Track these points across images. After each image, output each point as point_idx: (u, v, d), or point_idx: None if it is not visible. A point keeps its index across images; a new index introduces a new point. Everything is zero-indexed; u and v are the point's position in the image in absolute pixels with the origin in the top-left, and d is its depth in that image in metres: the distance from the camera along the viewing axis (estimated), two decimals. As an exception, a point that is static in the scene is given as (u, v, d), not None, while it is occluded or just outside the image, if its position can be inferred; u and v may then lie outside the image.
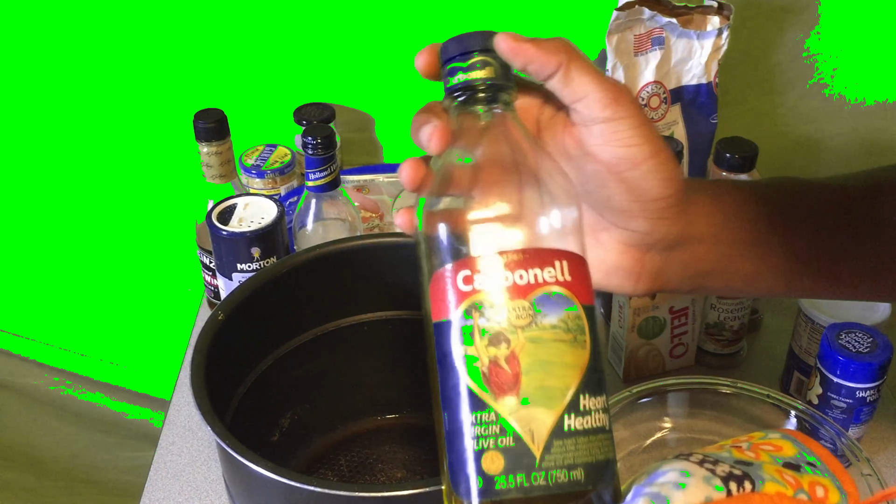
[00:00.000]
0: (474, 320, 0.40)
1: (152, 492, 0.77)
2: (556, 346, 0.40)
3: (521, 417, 0.39)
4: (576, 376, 0.40)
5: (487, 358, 0.39)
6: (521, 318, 0.39)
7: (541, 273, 0.40)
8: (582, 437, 0.40)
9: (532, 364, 0.39)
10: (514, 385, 0.39)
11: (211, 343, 0.62)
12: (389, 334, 0.75)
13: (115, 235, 1.25)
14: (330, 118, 1.09)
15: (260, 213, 0.80)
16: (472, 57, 0.45)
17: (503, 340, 0.39)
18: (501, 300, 0.39)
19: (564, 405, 0.39)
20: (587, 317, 0.40)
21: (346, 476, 0.76)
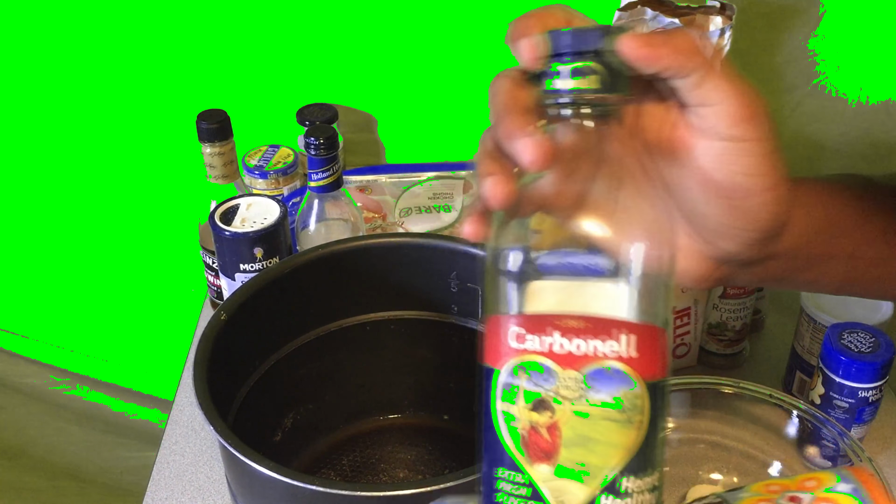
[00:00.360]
0: (521, 381, 0.37)
1: (155, 491, 0.77)
2: (604, 423, 0.37)
3: (553, 487, 0.37)
4: (620, 457, 0.37)
5: (528, 422, 0.37)
6: (569, 389, 0.37)
7: (600, 346, 0.36)
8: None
9: (574, 438, 0.37)
10: (552, 455, 0.37)
11: (213, 343, 0.62)
12: (392, 334, 0.75)
13: (119, 236, 1.25)
14: (333, 119, 1.09)
15: (263, 213, 0.80)
16: (586, 59, 0.37)
17: (547, 409, 0.37)
18: (551, 367, 0.37)
19: (601, 486, 0.37)
20: (650, 395, 0.37)
21: (348, 476, 0.76)
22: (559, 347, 0.36)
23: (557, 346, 0.36)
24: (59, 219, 1.24)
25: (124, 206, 1.22)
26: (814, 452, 0.74)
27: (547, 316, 0.36)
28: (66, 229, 1.25)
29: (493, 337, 0.38)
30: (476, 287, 0.72)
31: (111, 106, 1.15)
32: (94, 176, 1.20)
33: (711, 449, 0.77)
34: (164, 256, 1.26)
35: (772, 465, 0.75)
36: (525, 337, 0.37)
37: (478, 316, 0.73)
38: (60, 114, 1.16)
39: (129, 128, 1.16)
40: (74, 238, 1.26)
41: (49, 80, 1.14)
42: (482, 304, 0.39)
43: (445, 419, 0.79)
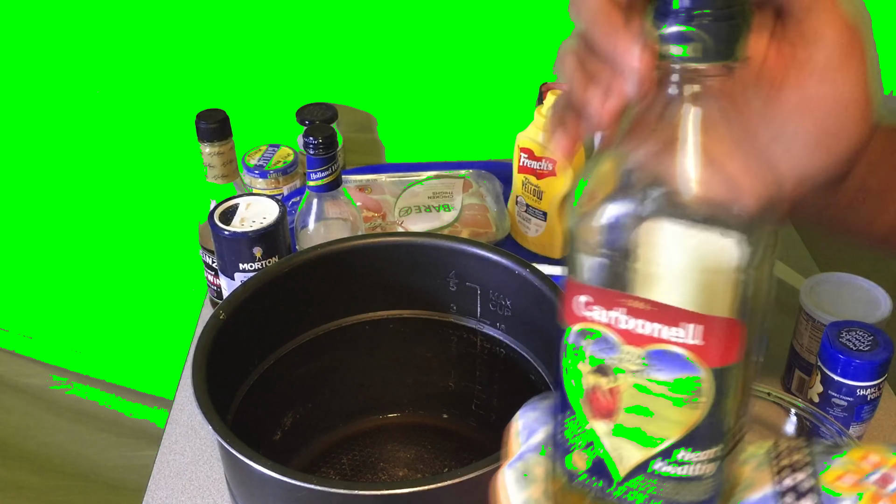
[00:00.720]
0: (585, 344, 0.38)
1: (155, 491, 0.77)
2: (661, 400, 0.37)
3: (610, 443, 0.38)
4: (677, 432, 0.37)
5: (590, 383, 0.38)
6: (630, 363, 0.37)
7: (664, 330, 0.36)
8: (668, 482, 0.38)
9: (631, 405, 0.37)
10: (611, 415, 0.38)
11: (213, 342, 0.62)
12: (391, 333, 0.76)
13: (118, 235, 1.25)
14: (332, 118, 1.09)
15: (262, 212, 0.80)
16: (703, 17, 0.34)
17: (608, 374, 0.37)
18: (615, 339, 0.37)
19: (655, 452, 0.38)
20: (714, 380, 0.36)
21: (348, 475, 0.76)
22: (623, 323, 0.36)
23: (622, 322, 0.36)
24: (60, 219, 1.24)
25: (124, 206, 1.23)
26: (812, 451, 0.74)
27: (614, 292, 0.36)
28: (66, 229, 1.25)
29: (566, 297, 0.38)
30: (475, 286, 0.72)
31: (111, 106, 1.15)
32: (93, 176, 1.21)
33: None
34: (164, 256, 1.26)
35: (771, 464, 0.75)
36: (592, 306, 0.37)
37: (477, 315, 0.73)
38: (60, 114, 1.16)
39: (128, 128, 1.16)
40: (75, 238, 1.26)
41: (49, 80, 1.14)
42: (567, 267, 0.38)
43: (445, 418, 0.80)
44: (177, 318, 1.29)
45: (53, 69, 1.13)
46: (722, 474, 0.38)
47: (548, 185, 0.96)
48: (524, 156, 0.96)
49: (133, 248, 1.26)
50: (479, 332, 0.74)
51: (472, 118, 1.16)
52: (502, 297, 0.71)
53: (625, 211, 0.35)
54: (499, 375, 0.75)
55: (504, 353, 0.73)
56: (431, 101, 1.15)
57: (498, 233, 1.02)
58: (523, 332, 0.71)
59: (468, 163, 1.16)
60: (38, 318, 1.34)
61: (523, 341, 0.71)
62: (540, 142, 0.94)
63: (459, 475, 0.51)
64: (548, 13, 1.08)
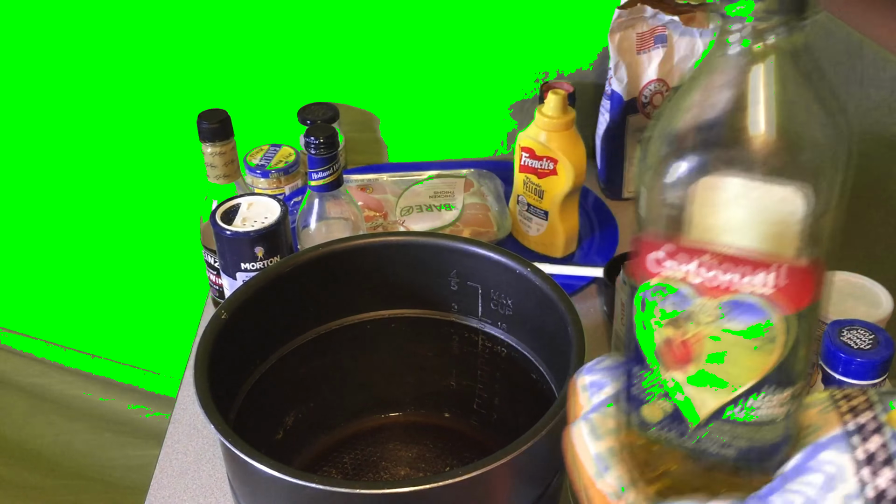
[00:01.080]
0: (659, 298, 0.39)
1: (157, 490, 0.77)
2: (736, 348, 0.38)
3: (686, 392, 0.40)
4: (752, 377, 0.38)
5: (664, 335, 0.39)
6: (705, 314, 0.38)
7: (739, 280, 0.37)
8: (742, 427, 0.39)
9: (706, 356, 0.39)
10: (684, 365, 0.39)
11: (215, 342, 0.62)
12: (392, 333, 0.76)
13: (121, 235, 1.25)
14: (334, 118, 1.09)
15: (263, 212, 0.80)
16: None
17: (682, 327, 0.38)
18: (689, 292, 0.38)
19: (730, 398, 0.39)
20: (789, 325, 0.37)
21: (349, 474, 0.76)
22: (698, 276, 0.37)
23: (696, 275, 0.37)
24: (62, 218, 1.25)
25: (126, 206, 1.23)
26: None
27: (687, 247, 0.37)
28: (68, 229, 1.25)
29: (637, 254, 0.39)
30: (476, 285, 0.72)
31: (113, 106, 1.15)
32: (96, 176, 1.21)
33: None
34: (166, 256, 1.26)
35: (772, 462, 0.75)
36: (665, 262, 0.38)
37: (478, 314, 0.73)
38: (62, 114, 1.16)
39: (130, 127, 1.16)
40: (77, 238, 1.26)
41: (51, 80, 1.14)
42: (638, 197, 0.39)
43: (446, 417, 0.80)
44: (179, 318, 1.29)
45: (57, 70, 1.13)
46: (793, 418, 0.40)
47: (549, 184, 0.96)
48: (525, 155, 0.96)
49: (135, 248, 1.26)
50: (481, 331, 0.74)
51: (473, 117, 1.16)
52: (503, 296, 0.71)
53: (696, 167, 0.36)
54: (500, 374, 0.75)
55: (505, 353, 0.73)
56: (432, 100, 1.15)
57: (499, 232, 1.02)
58: (524, 332, 0.71)
59: (469, 162, 1.16)
60: (42, 318, 1.34)
61: (524, 340, 0.71)
62: (541, 141, 0.94)
63: (461, 474, 0.52)
64: (549, 12, 1.08)
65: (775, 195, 0.36)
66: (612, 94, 1.05)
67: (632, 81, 1.04)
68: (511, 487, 0.57)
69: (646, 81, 1.04)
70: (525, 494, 0.59)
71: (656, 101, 1.05)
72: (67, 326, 1.34)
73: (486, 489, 0.56)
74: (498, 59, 1.11)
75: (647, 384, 0.41)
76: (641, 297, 0.39)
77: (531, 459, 0.57)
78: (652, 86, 1.04)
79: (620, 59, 1.03)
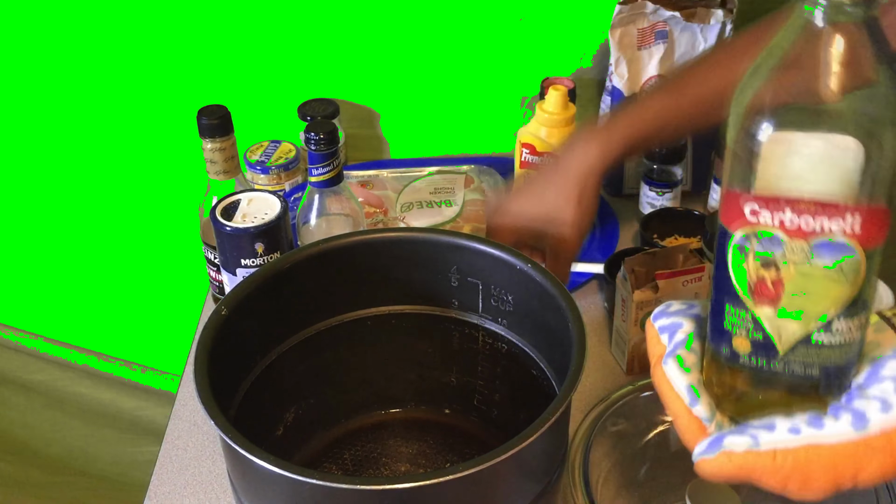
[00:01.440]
0: (752, 244, 0.45)
1: (158, 486, 0.77)
2: (823, 282, 0.44)
3: (773, 324, 0.46)
4: (836, 306, 0.45)
5: (756, 275, 0.46)
6: (795, 254, 0.44)
7: (827, 223, 0.43)
8: (826, 349, 0.46)
9: (795, 290, 0.45)
10: (775, 301, 0.46)
11: (215, 338, 0.62)
12: (393, 329, 0.76)
13: (121, 232, 1.25)
14: (334, 114, 1.09)
15: (264, 208, 0.80)
16: None
17: (774, 267, 0.45)
18: (782, 237, 0.44)
19: (816, 326, 0.46)
20: (867, 259, 0.44)
21: (350, 470, 0.76)
22: (790, 223, 0.44)
23: (788, 222, 0.44)
24: (62, 215, 1.25)
25: (126, 202, 1.23)
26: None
27: (782, 198, 0.44)
28: (68, 226, 1.25)
29: (731, 206, 0.45)
30: (477, 281, 0.72)
31: (113, 102, 1.15)
32: (96, 172, 1.21)
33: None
34: (166, 252, 1.26)
35: (773, 459, 0.75)
36: (759, 212, 0.44)
37: (478, 310, 0.73)
38: (62, 111, 1.16)
39: (130, 124, 1.16)
40: (77, 234, 1.26)
41: (52, 76, 1.14)
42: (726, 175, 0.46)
43: (447, 413, 0.80)
44: (179, 314, 1.29)
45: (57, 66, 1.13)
46: (863, 339, 0.47)
47: (549, 180, 0.95)
48: (526, 151, 0.96)
49: (135, 244, 1.26)
50: (481, 327, 0.74)
51: (474, 113, 1.16)
52: (504, 292, 0.71)
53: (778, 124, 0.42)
54: (500, 371, 0.75)
55: (506, 349, 0.73)
56: (433, 96, 1.15)
57: (500, 228, 1.01)
58: (525, 328, 0.71)
59: (470, 158, 1.16)
60: (43, 315, 1.34)
61: (525, 337, 0.71)
62: (541, 137, 0.94)
63: (461, 470, 0.51)
64: (550, 8, 1.08)
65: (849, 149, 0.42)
66: (612, 90, 1.05)
67: (632, 77, 1.03)
68: (512, 483, 0.57)
69: (646, 77, 1.04)
70: (526, 491, 0.59)
71: (657, 97, 1.05)
72: (68, 323, 1.34)
73: (487, 485, 0.55)
74: (498, 55, 1.11)
75: (737, 319, 0.47)
76: (738, 244, 0.45)
77: (532, 456, 0.57)
78: (652, 82, 1.04)
79: (621, 55, 1.02)
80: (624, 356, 0.85)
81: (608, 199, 1.08)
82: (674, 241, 1.00)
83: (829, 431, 0.47)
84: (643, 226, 1.00)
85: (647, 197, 1.03)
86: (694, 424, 0.50)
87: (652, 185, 1.02)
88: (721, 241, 0.46)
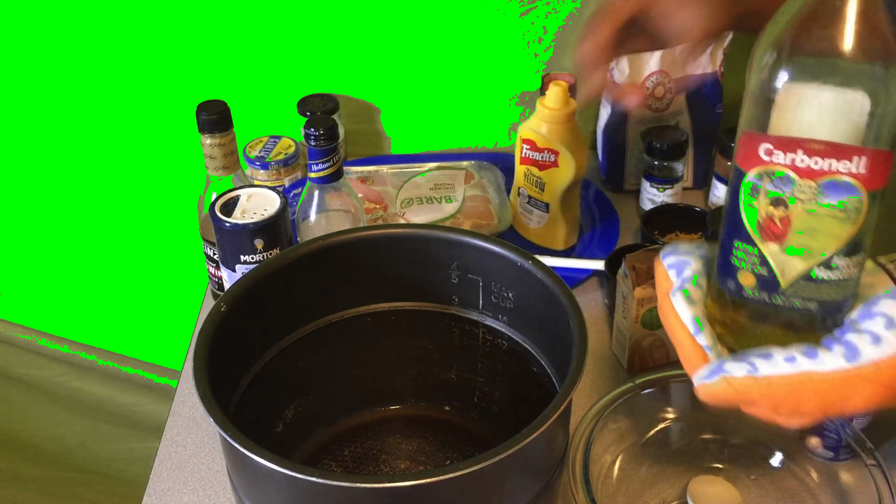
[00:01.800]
0: (763, 183, 0.49)
1: (157, 482, 0.77)
2: (828, 220, 0.48)
3: (778, 260, 0.50)
4: (837, 244, 0.49)
5: (765, 213, 0.49)
6: (804, 193, 0.48)
7: (835, 163, 0.47)
8: (825, 284, 0.50)
9: (801, 227, 0.49)
10: (781, 237, 0.49)
11: (214, 335, 0.62)
12: (393, 326, 0.75)
13: (120, 227, 1.25)
14: (334, 109, 1.09)
15: (263, 204, 0.80)
16: None
17: (782, 205, 0.49)
18: (792, 176, 0.48)
19: (818, 262, 0.49)
20: (870, 200, 0.48)
21: (349, 467, 0.76)
22: (801, 163, 0.47)
23: (799, 162, 0.48)
24: (61, 210, 1.24)
25: (125, 198, 1.22)
26: (816, 443, 0.74)
27: (795, 139, 0.47)
28: (67, 221, 1.25)
29: (746, 147, 0.49)
30: (477, 278, 0.72)
31: (112, 97, 1.15)
32: (95, 168, 1.20)
33: (713, 439, 0.76)
34: (165, 248, 1.26)
35: (774, 456, 0.75)
36: (773, 152, 0.48)
37: (479, 307, 0.73)
38: (61, 106, 1.16)
39: (129, 119, 1.16)
40: (76, 230, 1.26)
41: (51, 72, 1.13)
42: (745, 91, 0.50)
43: (447, 410, 0.79)
44: (178, 310, 1.29)
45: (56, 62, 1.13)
46: (860, 278, 0.51)
47: (550, 176, 0.95)
48: (526, 147, 0.95)
49: (134, 240, 1.26)
50: (481, 324, 0.74)
51: (474, 109, 1.16)
52: (504, 289, 0.70)
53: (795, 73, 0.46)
54: (501, 367, 0.75)
55: (506, 346, 0.73)
56: (433, 91, 1.14)
57: (500, 224, 1.01)
58: (525, 325, 0.71)
59: (470, 153, 1.15)
60: (42, 310, 1.34)
61: (525, 333, 0.71)
62: (542, 133, 0.94)
63: (462, 468, 0.51)
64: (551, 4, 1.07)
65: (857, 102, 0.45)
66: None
67: (633, 73, 1.03)
68: (512, 481, 0.57)
69: (647, 73, 1.03)
70: (526, 488, 0.59)
71: (658, 94, 1.04)
72: (67, 318, 1.34)
73: (488, 483, 0.55)
74: (499, 50, 1.11)
75: (744, 255, 0.51)
76: (751, 182, 0.49)
77: (533, 453, 0.57)
78: (654, 78, 1.04)
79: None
80: (624, 353, 0.85)
81: (609, 195, 1.08)
82: (675, 237, 1.00)
83: (823, 361, 0.50)
84: (644, 222, 1.00)
85: (648, 193, 1.03)
86: (696, 352, 0.53)
87: (653, 182, 1.02)
88: (735, 182, 0.50)
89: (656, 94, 1.05)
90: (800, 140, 0.47)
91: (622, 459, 0.74)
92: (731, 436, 0.76)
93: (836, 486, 0.72)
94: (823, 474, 0.73)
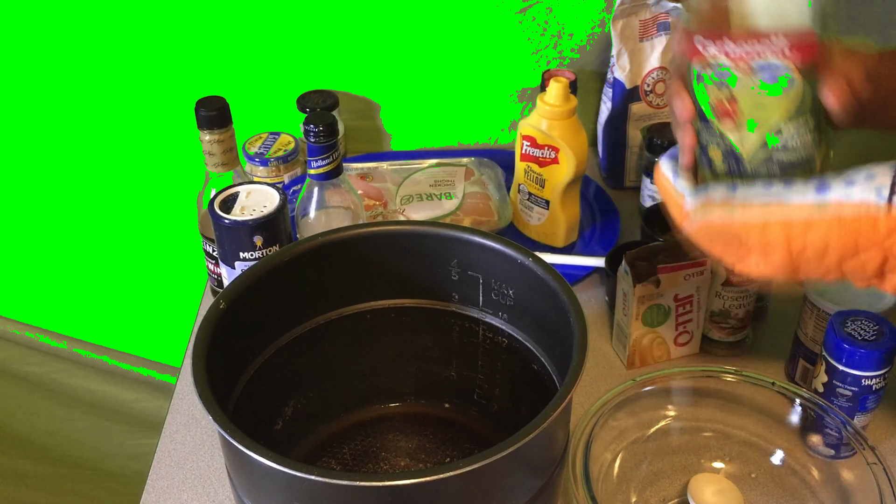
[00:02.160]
0: (708, 70, 0.56)
1: (156, 480, 0.77)
2: (767, 97, 0.55)
3: (735, 136, 0.57)
4: (781, 114, 0.56)
5: (714, 96, 0.57)
6: (743, 73, 0.55)
7: (763, 47, 0.54)
8: (780, 151, 0.56)
9: (746, 104, 0.56)
10: (732, 115, 0.56)
11: (213, 332, 0.62)
12: (392, 323, 0.75)
13: (119, 224, 1.25)
14: (333, 106, 1.09)
15: (262, 201, 0.79)
16: None
17: (726, 87, 0.56)
18: (728, 63, 0.55)
19: (767, 130, 0.56)
20: (802, 74, 0.55)
21: (349, 465, 0.76)
22: (734, 49, 0.55)
23: (731, 50, 0.55)
24: (60, 207, 1.24)
25: (124, 195, 1.22)
26: (817, 441, 0.74)
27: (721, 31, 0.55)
28: (66, 218, 1.25)
29: (687, 42, 0.57)
30: (477, 275, 0.71)
31: (111, 94, 1.14)
32: (94, 165, 1.20)
33: (714, 437, 0.76)
34: (165, 245, 1.26)
35: (774, 454, 0.75)
36: (706, 43, 0.56)
37: (479, 304, 0.73)
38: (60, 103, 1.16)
39: (128, 115, 1.16)
40: (76, 227, 1.26)
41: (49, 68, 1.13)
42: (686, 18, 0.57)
43: (446, 407, 0.79)
44: (177, 307, 1.29)
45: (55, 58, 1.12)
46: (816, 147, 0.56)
47: (550, 172, 0.95)
48: (526, 143, 0.95)
49: (134, 237, 1.26)
50: (481, 321, 0.73)
51: (474, 105, 1.16)
52: (504, 286, 0.70)
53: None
54: (501, 365, 0.75)
55: (506, 343, 0.73)
56: (433, 88, 1.14)
57: (500, 221, 1.01)
58: (525, 322, 0.71)
59: (470, 150, 1.15)
60: (42, 308, 1.34)
61: (525, 330, 0.71)
62: (542, 129, 0.93)
63: (462, 466, 0.51)
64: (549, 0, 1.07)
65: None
66: (614, 81, 1.04)
67: (634, 69, 1.03)
68: (513, 479, 0.57)
69: (648, 69, 1.03)
70: (526, 486, 0.58)
71: (659, 90, 1.04)
72: (66, 315, 1.34)
73: (488, 481, 0.55)
74: (499, 47, 1.10)
75: (709, 135, 0.58)
76: (696, 71, 0.57)
77: (533, 451, 0.57)
78: (654, 74, 1.03)
79: (623, 47, 1.02)
80: (625, 350, 0.85)
81: (609, 192, 1.08)
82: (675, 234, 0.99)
83: (795, 190, 0.55)
84: (645, 219, 0.99)
85: (648, 190, 1.03)
86: (680, 199, 0.59)
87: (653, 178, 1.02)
88: (690, 71, 0.57)
89: (657, 90, 1.04)
90: (725, 31, 0.55)
91: (623, 457, 0.74)
92: (731, 433, 0.76)
93: (837, 483, 0.72)
94: (824, 472, 0.73)
